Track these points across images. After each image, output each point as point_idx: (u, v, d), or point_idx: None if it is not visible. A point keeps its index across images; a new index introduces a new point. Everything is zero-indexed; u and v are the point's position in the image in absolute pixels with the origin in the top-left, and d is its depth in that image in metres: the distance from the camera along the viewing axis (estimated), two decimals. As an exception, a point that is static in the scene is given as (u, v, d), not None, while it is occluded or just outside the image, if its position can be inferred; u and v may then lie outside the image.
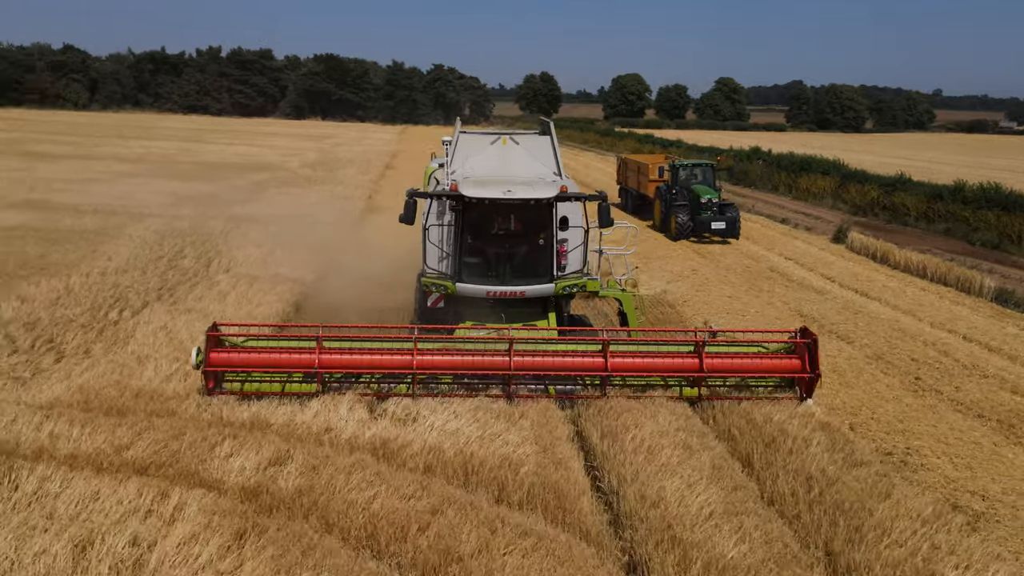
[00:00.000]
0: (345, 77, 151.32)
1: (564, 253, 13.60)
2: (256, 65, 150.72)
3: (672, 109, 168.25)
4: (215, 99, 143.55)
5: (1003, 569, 7.66)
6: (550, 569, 7.52)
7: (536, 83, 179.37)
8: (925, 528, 8.32)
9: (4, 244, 22.31)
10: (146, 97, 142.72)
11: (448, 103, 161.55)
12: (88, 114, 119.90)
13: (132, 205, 30.37)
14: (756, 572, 7.57)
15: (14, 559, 7.49)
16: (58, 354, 13.94)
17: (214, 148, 62.44)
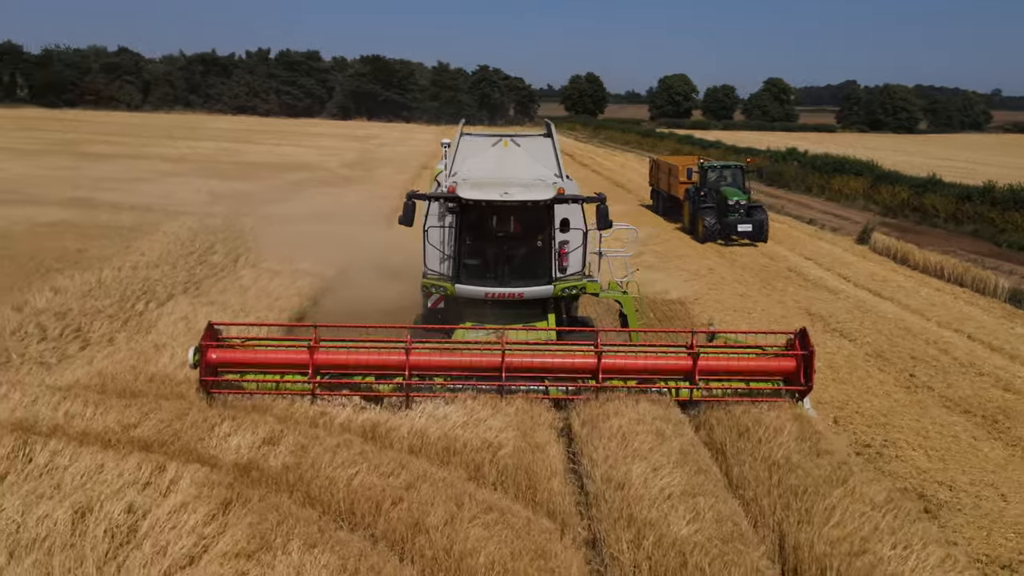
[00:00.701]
0: (391, 78, 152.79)
1: (565, 255, 13.74)
2: (304, 66, 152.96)
3: (719, 110, 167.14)
4: (263, 100, 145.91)
5: (938, 552, 8.01)
6: (507, 541, 8.04)
7: (582, 84, 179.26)
8: (873, 512, 8.70)
9: (45, 239, 23.41)
10: (197, 98, 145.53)
11: (493, 104, 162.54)
12: (140, 115, 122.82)
13: (171, 203, 31.47)
14: (702, 548, 8.01)
15: (19, 522, 8.22)
16: (84, 342, 14.80)
17: (257, 148, 63.90)
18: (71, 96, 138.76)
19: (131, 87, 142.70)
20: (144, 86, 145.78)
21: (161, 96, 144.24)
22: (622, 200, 41.82)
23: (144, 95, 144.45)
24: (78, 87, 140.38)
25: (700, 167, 31.53)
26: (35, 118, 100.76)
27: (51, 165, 44.21)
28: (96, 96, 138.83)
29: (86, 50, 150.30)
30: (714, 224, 28.92)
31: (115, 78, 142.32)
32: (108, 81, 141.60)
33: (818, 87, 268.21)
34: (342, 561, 7.59)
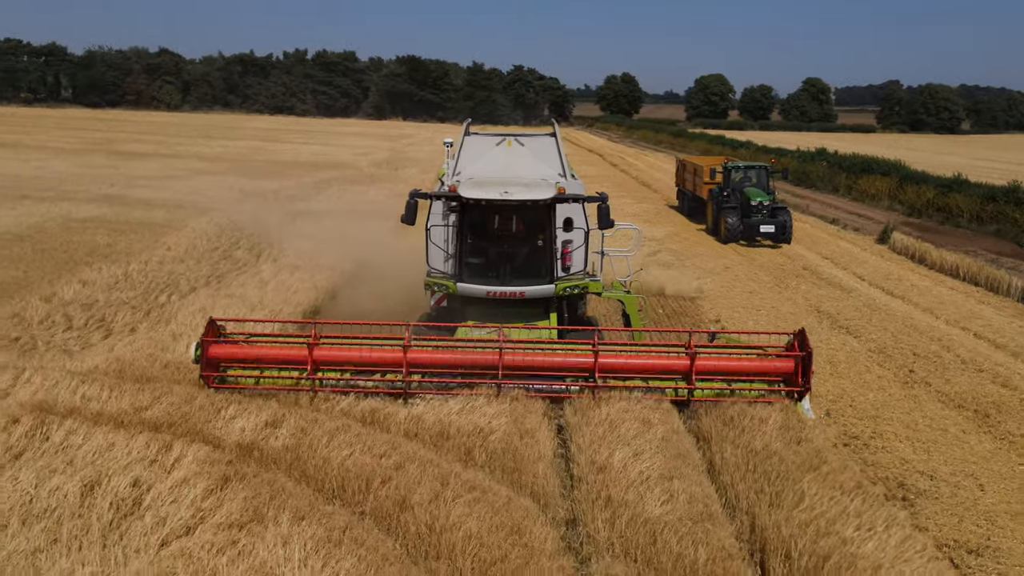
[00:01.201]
0: (426, 78, 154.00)
1: (568, 254, 13.93)
2: (340, 67, 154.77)
3: (756, 110, 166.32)
4: (300, 100, 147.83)
5: (899, 533, 8.33)
6: (486, 517, 8.48)
7: (617, 84, 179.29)
8: (842, 497, 9.03)
9: (77, 234, 24.24)
10: (235, 98, 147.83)
11: (527, 103, 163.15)
12: (180, 115, 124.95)
13: (201, 200, 32.28)
14: (672, 527, 8.40)
15: (32, 494, 8.81)
16: (107, 331, 15.47)
17: (290, 147, 64.92)
18: (113, 96, 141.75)
19: (171, 87, 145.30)
20: (184, 86, 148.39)
21: (200, 96, 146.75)
22: (647, 200, 42.13)
23: (184, 95, 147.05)
24: (120, 87, 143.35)
25: (724, 167, 31.29)
26: (77, 118, 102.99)
27: (89, 163, 45.44)
28: (137, 96, 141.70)
29: (128, 51, 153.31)
30: (736, 225, 28.76)
31: (156, 79, 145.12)
32: (149, 82, 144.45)
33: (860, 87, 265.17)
34: (327, 532, 8.07)
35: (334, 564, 7.62)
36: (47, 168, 42.38)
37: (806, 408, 11.91)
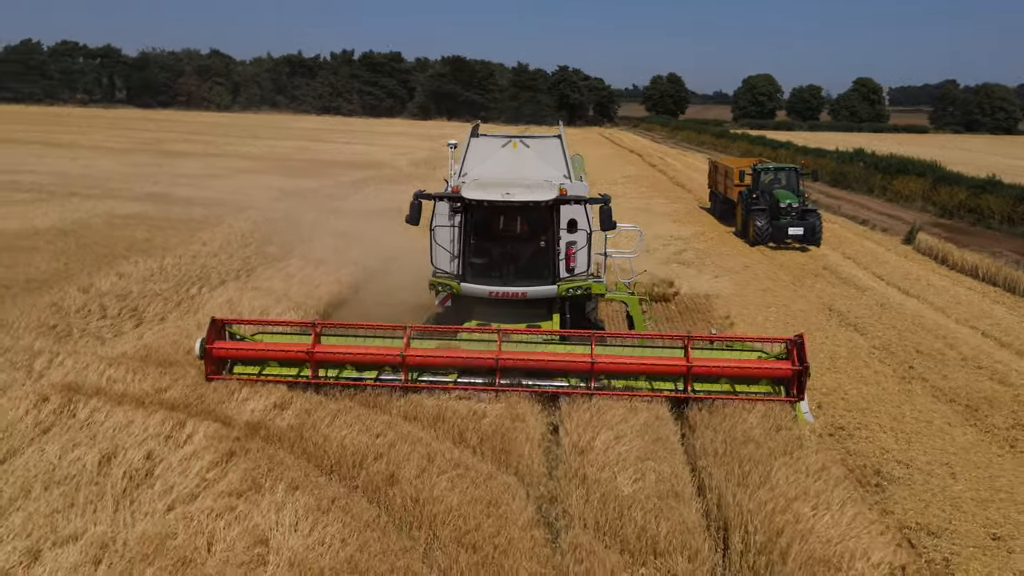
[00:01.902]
0: (471, 78, 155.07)
1: (572, 255, 13.91)
2: (386, 67, 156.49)
3: (804, 111, 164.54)
4: (347, 100, 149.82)
5: (851, 511, 8.81)
6: (467, 491, 9.14)
7: (663, 84, 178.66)
8: (806, 479, 9.51)
9: (118, 229, 25.35)
10: (283, 99, 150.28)
11: (572, 104, 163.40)
12: (229, 115, 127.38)
13: (240, 199, 33.34)
14: (640, 503, 8.97)
15: (55, 464, 9.66)
16: (138, 320, 16.39)
17: (332, 147, 66.19)
18: (165, 97, 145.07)
19: (221, 88, 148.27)
20: (233, 87, 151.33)
21: (249, 97, 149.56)
22: (680, 200, 42.37)
23: (233, 96, 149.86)
24: (171, 88, 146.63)
25: (753, 169, 31.22)
26: (129, 118, 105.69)
27: (136, 162, 46.98)
28: (188, 97, 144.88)
29: (180, 53, 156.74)
30: (765, 227, 28.53)
31: (206, 80, 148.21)
32: (200, 83, 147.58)
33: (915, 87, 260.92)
34: (318, 501, 8.79)
35: (320, 529, 8.33)
36: (95, 167, 43.97)
37: (805, 411, 11.99)
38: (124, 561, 7.59)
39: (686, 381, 11.82)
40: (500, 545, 8.24)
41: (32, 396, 11.53)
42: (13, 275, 19.06)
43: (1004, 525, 9.73)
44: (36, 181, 36.69)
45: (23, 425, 10.88)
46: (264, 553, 7.97)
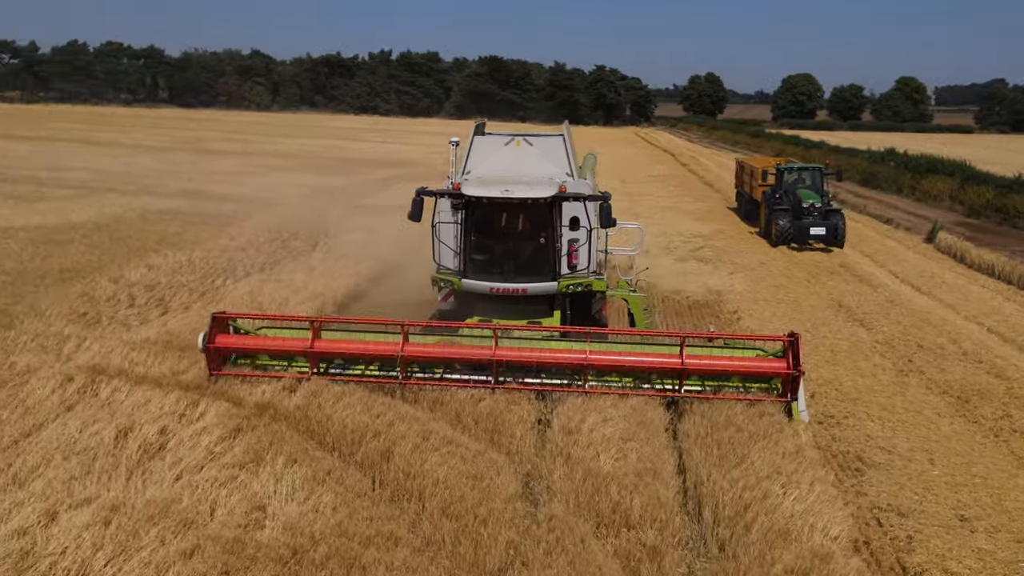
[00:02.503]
0: (508, 78, 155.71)
1: (574, 252, 13.96)
2: (423, 67, 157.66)
3: (846, 110, 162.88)
4: (384, 100, 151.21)
5: (818, 489, 9.27)
6: (456, 467, 9.72)
7: (701, 84, 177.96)
8: (781, 460, 9.97)
9: (152, 224, 26.30)
10: (321, 98, 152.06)
11: (608, 104, 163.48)
12: (268, 114, 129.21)
13: (270, 195, 34.25)
14: (617, 480, 9.49)
15: (76, 437, 10.39)
16: (164, 309, 17.17)
17: (366, 146, 67.20)
18: (207, 97, 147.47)
19: (261, 88, 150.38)
20: (273, 87, 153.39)
21: (288, 96, 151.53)
22: (708, 199, 42.62)
23: (273, 96, 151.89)
24: (213, 88, 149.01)
25: (776, 169, 30.96)
26: (171, 117, 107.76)
27: (174, 160, 48.22)
28: (229, 96, 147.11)
29: (221, 53, 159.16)
30: (787, 227, 28.21)
31: (247, 79, 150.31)
32: (240, 82, 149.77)
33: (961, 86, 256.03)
34: (314, 473, 9.41)
35: (315, 498, 8.96)
36: (135, 164, 45.25)
37: (801, 410, 12.01)
38: (131, 522, 8.23)
39: (679, 380, 11.97)
40: (481, 515, 8.81)
41: (58, 376, 12.34)
42: (48, 266, 20.00)
43: (972, 507, 10.09)
44: (77, 178, 37.93)
45: (49, 402, 11.68)
46: (261, 518, 8.60)
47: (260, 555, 7.73)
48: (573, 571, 7.77)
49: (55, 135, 67.12)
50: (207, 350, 12.25)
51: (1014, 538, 9.39)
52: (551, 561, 7.97)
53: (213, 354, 12.34)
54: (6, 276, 18.95)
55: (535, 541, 8.41)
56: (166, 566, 7.53)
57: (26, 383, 12.39)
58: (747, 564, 7.96)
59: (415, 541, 8.47)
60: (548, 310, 14.08)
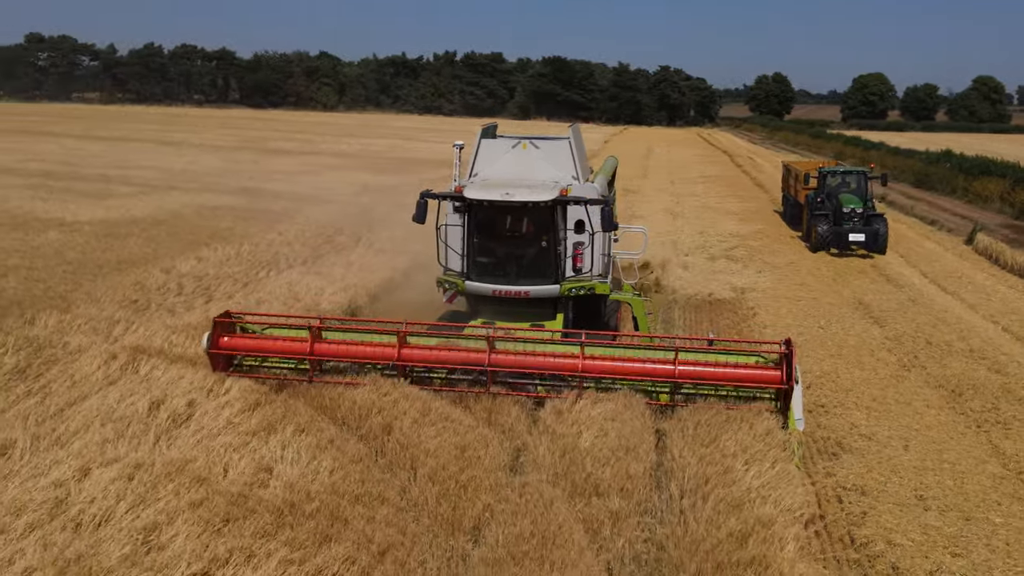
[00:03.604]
0: (571, 78, 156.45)
1: (579, 256, 13.99)
2: (487, 68, 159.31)
3: (919, 111, 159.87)
4: (448, 100, 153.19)
5: (779, 467, 9.95)
6: (448, 439, 10.63)
7: (768, 84, 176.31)
8: (751, 440, 10.63)
9: (207, 220, 27.80)
10: (386, 99, 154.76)
11: (672, 104, 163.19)
12: (333, 115, 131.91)
13: (323, 193, 35.64)
14: (593, 455, 10.32)
15: (114, 407, 11.59)
16: (208, 298, 18.42)
17: (423, 146, 68.62)
18: (275, 98, 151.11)
19: (328, 89, 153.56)
20: (340, 87, 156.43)
21: (354, 97, 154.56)
22: (754, 199, 42.89)
23: (339, 96, 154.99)
24: (282, 89, 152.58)
25: (819, 172, 30.42)
26: (239, 118, 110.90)
27: (236, 159, 50.14)
28: (297, 97, 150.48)
29: (291, 55, 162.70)
30: (826, 232, 27.58)
31: (314, 80, 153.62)
32: (308, 83, 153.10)
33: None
34: (318, 441, 10.44)
35: (316, 463, 9.98)
36: (199, 163, 47.24)
37: (798, 418, 11.68)
38: (152, 478, 9.35)
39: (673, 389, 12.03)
40: (462, 481, 9.75)
41: (104, 355, 13.64)
42: (107, 257, 21.50)
43: (933, 489, 10.70)
44: (143, 176, 39.88)
45: (94, 377, 12.97)
46: (266, 478, 9.65)
47: (259, 507, 8.76)
48: (535, 529, 8.63)
49: (129, 135, 69.92)
50: (209, 354, 12.60)
51: (963, 516, 10.01)
52: (516, 520, 8.85)
53: (215, 357, 12.65)
54: (68, 266, 20.46)
55: (506, 503, 9.30)
56: (176, 513, 8.60)
57: (76, 360, 13.71)
58: (695, 528, 8.74)
59: (400, 502, 9.45)
60: (552, 313, 14.14)
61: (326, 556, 7.96)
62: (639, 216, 34.91)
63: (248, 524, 8.45)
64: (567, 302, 14.15)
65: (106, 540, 8.24)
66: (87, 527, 8.55)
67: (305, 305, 17.53)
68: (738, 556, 8.16)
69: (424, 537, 8.89)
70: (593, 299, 14.33)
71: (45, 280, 18.95)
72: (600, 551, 8.71)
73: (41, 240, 23.49)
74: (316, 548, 8.10)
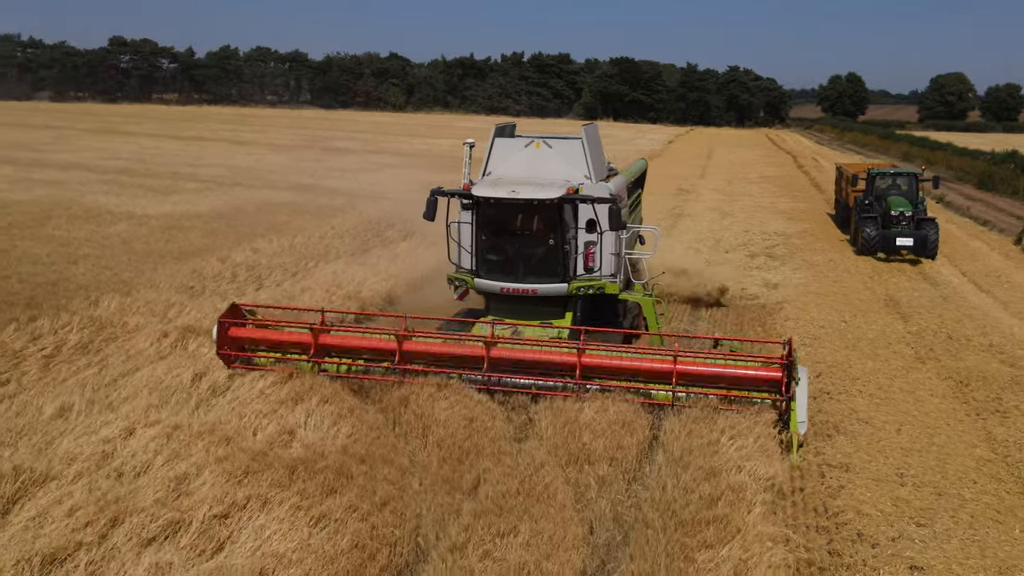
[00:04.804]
0: (638, 79, 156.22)
1: (591, 255, 14.07)
2: (554, 68, 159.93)
3: (1000, 111, 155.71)
4: (515, 101, 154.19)
5: (760, 442, 10.66)
6: (458, 411, 11.58)
7: (841, 84, 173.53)
8: (741, 418, 11.37)
9: (266, 214, 29.23)
10: (453, 99, 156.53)
11: (741, 105, 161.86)
12: (400, 115, 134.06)
13: (380, 190, 36.87)
14: (591, 428, 11.15)
15: (162, 378, 12.83)
16: (259, 285, 19.69)
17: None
18: (345, 98, 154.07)
19: (396, 89, 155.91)
20: (408, 88, 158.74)
21: (422, 97, 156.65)
22: (809, 200, 42.90)
23: (408, 97, 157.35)
24: (351, 90, 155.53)
25: (867, 174, 29.56)
26: (309, 118, 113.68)
27: (300, 157, 51.91)
28: (366, 98, 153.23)
29: (361, 56, 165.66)
30: (873, 236, 26.67)
31: (383, 81, 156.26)
32: (377, 84, 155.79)
33: None
34: (339, 410, 11.49)
35: (335, 428, 11.03)
36: (264, 161, 49.08)
37: (801, 420, 11.55)
38: (187, 436, 10.48)
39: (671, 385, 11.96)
40: (466, 448, 10.73)
41: (157, 333, 14.92)
42: (169, 248, 22.99)
43: (915, 468, 11.25)
44: (210, 173, 41.72)
45: (147, 353, 14.28)
46: (288, 439, 10.73)
47: (277, 463, 9.80)
48: (521, 487, 9.55)
49: (202, 135, 72.54)
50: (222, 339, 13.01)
51: (935, 491, 10.58)
52: (506, 480, 9.77)
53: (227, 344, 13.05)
54: (133, 255, 21.98)
55: (501, 466, 10.19)
56: (204, 466, 9.71)
57: (132, 338, 15.04)
58: (671, 491, 9.54)
59: (407, 464, 10.42)
60: (562, 312, 14.16)
61: (330, 504, 8.97)
62: (688, 215, 35.50)
63: (266, 476, 9.50)
64: (576, 301, 14.18)
65: (143, 487, 9.38)
66: (128, 476, 9.71)
67: (346, 293, 18.63)
68: (704, 515, 8.93)
69: (425, 494, 9.83)
70: (611, 300, 14.38)
71: (111, 267, 20.46)
72: (583, 510, 9.55)
73: (111, 231, 25.14)
74: (322, 497, 9.11)
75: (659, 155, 70.06)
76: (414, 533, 8.94)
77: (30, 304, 16.67)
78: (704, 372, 12.06)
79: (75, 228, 25.43)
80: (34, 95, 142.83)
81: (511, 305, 14.12)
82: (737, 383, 12.01)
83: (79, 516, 8.61)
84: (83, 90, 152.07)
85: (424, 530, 9.14)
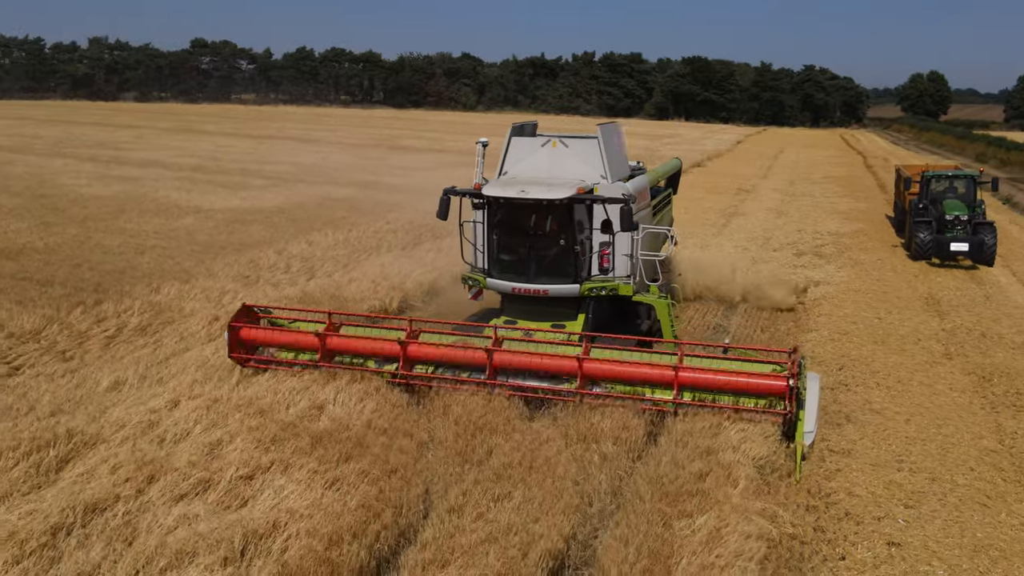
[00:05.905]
0: (710, 79, 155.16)
1: (606, 256, 13.91)
2: (626, 68, 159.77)
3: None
4: (585, 100, 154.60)
5: (759, 428, 11.12)
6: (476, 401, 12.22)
7: (922, 83, 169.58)
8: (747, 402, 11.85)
9: (325, 209, 30.41)
10: (524, 99, 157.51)
11: (816, 104, 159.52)
12: (470, 114, 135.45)
13: (439, 187, 37.71)
14: (598, 410, 11.74)
15: (209, 358, 13.85)
16: (311, 275, 20.71)
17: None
18: (417, 98, 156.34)
19: (468, 89, 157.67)
20: (479, 88, 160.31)
21: (493, 97, 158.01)
22: (869, 200, 42.56)
23: (479, 96, 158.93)
24: (423, 89, 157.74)
25: (922, 176, 28.77)
26: (380, 117, 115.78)
27: (364, 155, 53.33)
28: (438, 97, 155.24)
29: (434, 56, 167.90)
30: (926, 240, 25.77)
31: (454, 81, 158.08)
32: (448, 84, 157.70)
33: None
34: (367, 389, 12.28)
35: (361, 405, 11.84)
36: (330, 159, 50.57)
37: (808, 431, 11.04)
38: (225, 408, 11.42)
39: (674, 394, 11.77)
40: (480, 425, 11.40)
41: (209, 317, 16.00)
42: (230, 240, 24.25)
43: (915, 455, 11.62)
44: (277, 170, 43.29)
45: (199, 335, 15.36)
46: (317, 414, 11.57)
47: (302, 433, 10.66)
48: (523, 459, 10.23)
49: (275, 133, 74.77)
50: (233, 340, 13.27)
51: (930, 476, 10.95)
52: (511, 453, 10.45)
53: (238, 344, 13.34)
54: (196, 246, 23.25)
55: (510, 442, 10.89)
56: (237, 434, 10.61)
57: (186, 321, 16.12)
58: (664, 466, 10.10)
59: (423, 437, 11.19)
60: (574, 313, 13.97)
61: (344, 469, 9.78)
62: (742, 214, 35.70)
63: (291, 444, 10.36)
64: (589, 302, 13.98)
65: (180, 452, 10.32)
66: (168, 442, 10.66)
67: (391, 284, 19.48)
68: (689, 488, 9.48)
69: (438, 465, 10.57)
70: (627, 302, 14.25)
71: (175, 257, 21.72)
72: (583, 483, 10.16)
73: (178, 224, 26.54)
74: (337, 464, 9.92)
75: (724, 156, 69.93)
76: (421, 498, 9.68)
77: (97, 290, 17.95)
78: (707, 381, 11.78)
79: (145, 221, 26.92)
80: (119, 95, 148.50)
81: (524, 305, 14.04)
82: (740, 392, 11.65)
83: (120, 473, 9.57)
84: (166, 90, 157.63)
85: (433, 497, 9.89)
